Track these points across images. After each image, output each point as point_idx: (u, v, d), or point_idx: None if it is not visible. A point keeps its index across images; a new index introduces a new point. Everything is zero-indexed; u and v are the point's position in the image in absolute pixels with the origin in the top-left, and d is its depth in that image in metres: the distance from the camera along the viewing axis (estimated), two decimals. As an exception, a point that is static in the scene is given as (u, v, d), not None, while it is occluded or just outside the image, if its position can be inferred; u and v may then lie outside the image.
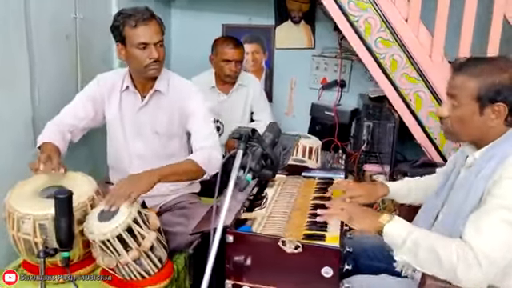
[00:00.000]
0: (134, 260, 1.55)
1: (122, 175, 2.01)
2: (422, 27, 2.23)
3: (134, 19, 1.79)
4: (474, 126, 1.33)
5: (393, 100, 2.33)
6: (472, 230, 1.21)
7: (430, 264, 1.23)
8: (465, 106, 1.32)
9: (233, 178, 1.31)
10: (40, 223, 1.53)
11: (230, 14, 3.41)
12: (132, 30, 1.80)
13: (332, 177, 1.89)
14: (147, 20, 1.80)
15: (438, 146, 2.33)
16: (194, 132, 1.92)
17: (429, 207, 1.53)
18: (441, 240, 1.24)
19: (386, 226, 1.31)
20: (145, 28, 1.80)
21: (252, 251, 1.32)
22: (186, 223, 1.82)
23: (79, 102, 1.97)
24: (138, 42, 1.80)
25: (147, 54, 1.81)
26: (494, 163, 1.27)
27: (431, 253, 1.22)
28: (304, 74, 3.46)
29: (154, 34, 1.81)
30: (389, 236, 1.31)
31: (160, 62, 1.85)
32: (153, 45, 1.81)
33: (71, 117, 1.94)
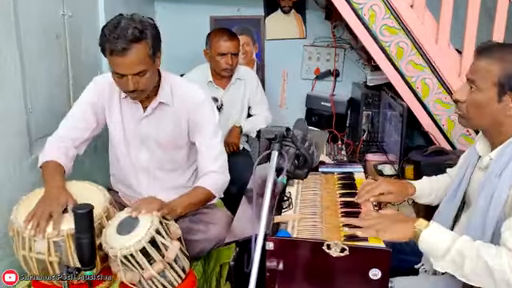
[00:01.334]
0: (158, 273, 1.46)
1: (127, 186, 1.93)
2: (428, 13, 2.19)
3: (109, 46, 1.54)
4: (490, 113, 1.29)
5: (399, 88, 2.29)
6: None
7: (478, 275, 1.16)
8: (484, 90, 1.28)
9: (270, 181, 1.24)
10: (54, 241, 1.42)
11: (217, 5, 3.29)
12: (109, 57, 1.58)
13: (352, 171, 1.84)
14: (125, 50, 1.53)
15: (446, 133, 2.32)
16: (203, 151, 1.81)
17: (446, 209, 1.49)
18: (487, 248, 1.16)
19: (423, 232, 1.24)
20: (121, 60, 1.55)
21: (294, 257, 1.25)
22: (205, 229, 1.74)
23: (79, 112, 1.80)
24: (114, 71, 1.61)
25: (124, 85, 1.62)
26: None
27: (479, 263, 1.15)
28: (296, 64, 3.39)
29: (131, 66, 1.56)
30: (427, 244, 1.24)
31: (141, 90, 1.65)
32: (131, 76, 1.59)
33: (73, 130, 1.78)
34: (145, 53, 1.58)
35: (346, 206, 1.52)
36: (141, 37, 1.56)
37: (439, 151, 2.19)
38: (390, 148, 2.58)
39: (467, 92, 1.32)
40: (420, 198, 1.66)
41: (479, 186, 1.32)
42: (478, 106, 1.30)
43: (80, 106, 1.81)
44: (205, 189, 1.73)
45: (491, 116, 1.29)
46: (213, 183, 1.75)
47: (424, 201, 1.67)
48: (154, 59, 1.65)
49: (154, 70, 1.67)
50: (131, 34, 1.54)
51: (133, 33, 1.54)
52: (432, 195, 1.65)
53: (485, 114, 1.30)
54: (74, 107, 1.83)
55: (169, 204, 1.59)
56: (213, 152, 1.80)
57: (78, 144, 1.79)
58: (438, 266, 1.23)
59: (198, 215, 1.80)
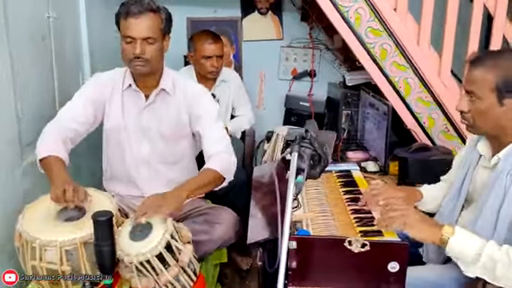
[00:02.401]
0: (173, 277, 1.46)
1: (126, 184, 1.90)
2: (410, 16, 2.29)
3: (126, 10, 1.67)
4: (495, 118, 1.35)
5: (383, 88, 2.38)
6: None
7: (509, 279, 1.21)
8: (483, 98, 1.34)
9: (291, 181, 1.27)
10: (66, 249, 1.39)
11: (194, 6, 3.29)
12: (123, 21, 1.69)
13: (349, 169, 1.91)
14: (140, 13, 1.66)
15: (427, 130, 2.43)
16: (205, 136, 1.83)
17: (449, 208, 1.54)
18: None
19: (451, 239, 1.27)
20: (134, 21, 1.66)
21: (316, 254, 1.29)
22: (210, 230, 1.74)
23: (80, 104, 1.79)
24: (124, 35, 1.69)
25: (132, 49, 1.68)
26: None
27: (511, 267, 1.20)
28: (273, 65, 3.44)
29: (142, 29, 1.67)
30: (455, 250, 1.27)
31: (146, 59, 1.70)
32: (139, 40, 1.67)
33: (72, 121, 1.76)
34: (157, 23, 1.70)
35: (353, 203, 1.58)
36: (156, 9, 1.70)
37: (423, 148, 2.30)
38: (371, 145, 2.68)
39: (468, 102, 1.39)
40: (424, 204, 1.69)
41: (488, 184, 1.39)
42: (481, 113, 1.36)
43: (81, 99, 1.81)
44: (211, 169, 1.72)
45: (496, 120, 1.35)
46: (219, 163, 1.74)
47: (427, 207, 1.70)
48: (163, 37, 1.75)
49: (161, 47, 1.75)
50: (148, 4, 1.68)
51: (149, 3, 1.69)
52: (433, 203, 1.69)
53: (491, 119, 1.36)
54: (75, 99, 1.81)
55: (171, 195, 1.58)
56: (216, 134, 1.83)
57: (73, 136, 1.77)
58: (468, 272, 1.26)
59: (203, 216, 1.80)
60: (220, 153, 1.78)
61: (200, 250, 1.70)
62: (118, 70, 1.87)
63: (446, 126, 2.41)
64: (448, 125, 2.41)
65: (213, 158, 1.77)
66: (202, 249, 1.72)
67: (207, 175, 1.71)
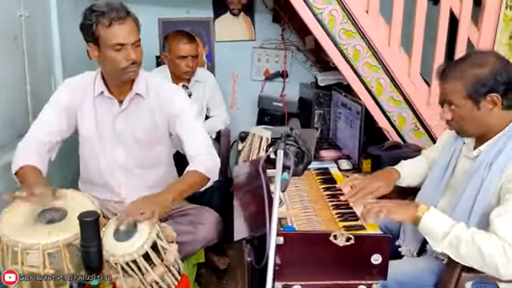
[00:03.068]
0: (159, 276, 1.45)
1: (103, 188, 1.88)
2: (381, 18, 2.38)
3: (108, 17, 1.60)
4: (477, 120, 1.45)
5: (356, 87, 2.45)
6: (504, 227, 1.28)
7: (471, 258, 1.31)
8: (461, 106, 1.44)
9: (278, 180, 1.30)
10: (49, 252, 1.36)
11: (166, 6, 3.27)
12: (106, 29, 1.61)
13: (327, 166, 1.95)
14: (123, 18, 1.62)
15: (398, 128, 2.52)
16: (186, 137, 1.81)
17: (431, 193, 1.62)
18: (481, 234, 1.30)
19: (425, 216, 1.37)
20: (120, 27, 1.61)
21: (303, 249, 1.31)
22: (194, 230, 1.75)
23: (51, 114, 1.75)
24: (114, 43, 1.62)
25: (124, 56, 1.64)
26: (504, 158, 1.39)
27: (473, 248, 1.29)
28: (246, 66, 3.46)
29: (130, 34, 1.64)
30: (427, 227, 1.37)
31: (138, 63, 1.69)
32: (130, 45, 1.64)
33: (46, 133, 1.72)
34: (136, 25, 1.68)
35: (333, 199, 1.62)
36: (130, 13, 1.67)
37: (394, 145, 2.39)
38: (344, 144, 2.75)
39: (450, 111, 1.47)
40: (403, 180, 1.79)
41: (468, 174, 1.48)
42: (464, 119, 1.45)
43: (53, 108, 1.76)
44: (196, 171, 1.71)
45: (479, 122, 1.45)
46: (203, 165, 1.73)
47: (406, 182, 1.80)
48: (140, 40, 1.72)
49: None
50: (123, 7, 1.64)
51: (123, 6, 1.65)
52: (412, 177, 1.79)
53: (474, 122, 1.45)
54: (46, 110, 1.77)
55: (158, 198, 1.56)
56: (196, 135, 1.81)
57: (49, 148, 1.73)
58: (436, 247, 1.37)
59: (185, 216, 1.81)
60: (203, 153, 1.78)
61: (183, 251, 1.70)
62: (88, 75, 1.82)
63: (415, 124, 2.51)
64: (417, 123, 2.51)
65: (196, 159, 1.76)
66: (186, 249, 1.72)
67: (192, 177, 1.71)
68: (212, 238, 1.76)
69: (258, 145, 2.58)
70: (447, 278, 1.43)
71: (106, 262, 1.40)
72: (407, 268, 1.52)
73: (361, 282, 1.33)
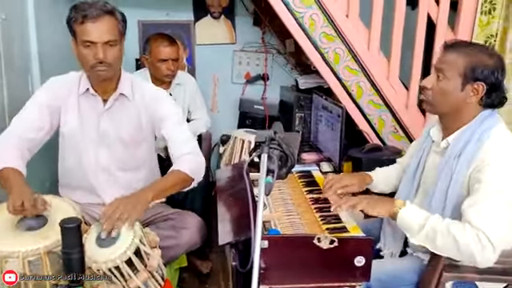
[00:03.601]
0: (143, 282, 1.44)
1: (84, 191, 1.85)
2: (360, 23, 2.41)
3: (82, 14, 1.60)
4: (453, 100, 1.47)
5: (337, 91, 2.48)
6: (477, 216, 1.32)
7: (447, 249, 1.35)
8: (450, 79, 1.45)
9: (262, 184, 1.30)
10: (29, 260, 1.33)
11: (145, 9, 3.25)
12: (79, 26, 1.61)
13: (309, 169, 1.97)
14: (97, 16, 1.60)
15: (378, 131, 2.56)
16: (172, 138, 1.81)
17: (406, 191, 1.66)
18: (455, 225, 1.34)
19: (402, 210, 1.42)
20: (92, 25, 1.60)
21: (288, 253, 1.32)
22: (177, 235, 1.73)
23: (34, 111, 1.72)
24: (84, 40, 1.62)
25: (93, 54, 1.63)
26: (472, 148, 1.42)
27: (449, 238, 1.33)
28: (227, 69, 3.47)
29: (102, 33, 1.61)
30: (404, 221, 1.42)
31: (109, 64, 1.66)
32: (100, 44, 1.62)
33: (28, 130, 1.69)
34: (115, 24, 1.66)
35: (316, 202, 1.64)
36: (111, 10, 1.65)
37: (375, 148, 2.43)
38: (324, 146, 2.77)
39: (434, 81, 1.49)
40: (375, 186, 1.82)
41: (439, 167, 1.51)
42: (443, 93, 1.47)
43: (35, 106, 1.73)
44: (179, 171, 1.70)
45: (453, 103, 1.47)
46: (187, 165, 1.73)
47: (379, 189, 1.83)
48: (121, 38, 1.70)
49: (120, 49, 1.70)
50: (103, 6, 1.63)
51: (105, 5, 1.64)
52: (384, 183, 1.83)
53: (449, 100, 1.47)
54: (29, 107, 1.73)
55: (137, 197, 1.55)
56: (182, 136, 1.81)
57: (31, 146, 1.70)
58: (413, 240, 1.41)
59: (168, 221, 1.79)
60: (188, 154, 1.77)
61: (166, 256, 1.69)
62: (73, 75, 1.81)
63: (394, 127, 2.55)
64: (397, 126, 2.55)
65: (181, 160, 1.76)
66: (169, 254, 1.70)
67: (174, 176, 1.70)
68: (195, 242, 1.75)
69: (240, 148, 2.58)
70: (428, 278, 1.46)
71: (89, 268, 1.38)
72: (389, 267, 1.55)
73: (345, 284, 1.35)
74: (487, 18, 2.37)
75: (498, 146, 1.40)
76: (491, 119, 1.46)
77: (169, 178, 1.69)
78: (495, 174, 1.36)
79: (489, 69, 1.42)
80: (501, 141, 1.42)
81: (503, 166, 1.37)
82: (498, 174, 1.36)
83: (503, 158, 1.38)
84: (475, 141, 1.43)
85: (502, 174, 1.36)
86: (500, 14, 2.36)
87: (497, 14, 2.36)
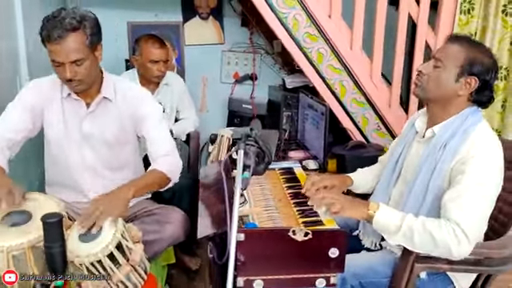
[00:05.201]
0: (125, 276, 1.48)
1: (71, 190, 1.89)
2: (343, 23, 2.46)
3: (47, 34, 1.59)
4: (445, 89, 1.51)
5: (320, 89, 2.54)
6: (454, 208, 1.37)
7: (424, 245, 1.39)
8: (447, 69, 1.50)
9: (238, 179, 1.35)
10: (13, 255, 1.37)
11: (134, 10, 3.29)
12: (46, 43, 1.62)
13: (291, 166, 2.01)
14: (61, 38, 1.58)
15: (361, 129, 2.62)
16: (150, 139, 1.85)
17: (385, 181, 1.71)
18: (430, 222, 1.39)
19: (377, 214, 1.45)
20: (57, 47, 1.59)
21: (263, 245, 1.36)
22: (160, 229, 1.77)
23: (15, 112, 1.75)
24: (52, 59, 1.64)
25: (62, 72, 1.65)
26: (458, 139, 1.46)
27: (426, 235, 1.37)
28: (215, 69, 3.52)
29: (68, 53, 1.60)
30: (380, 223, 1.45)
31: (79, 80, 1.68)
32: (67, 64, 1.62)
33: (8, 130, 1.72)
34: (81, 42, 1.63)
35: (295, 197, 1.68)
36: (78, 26, 1.61)
37: (358, 145, 2.48)
38: (311, 145, 2.82)
39: (431, 68, 1.54)
40: (357, 188, 1.86)
41: (422, 157, 1.55)
42: (438, 80, 1.51)
43: (16, 107, 1.76)
44: (158, 171, 1.75)
45: (445, 92, 1.51)
46: (165, 165, 1.78)
47: (360, 190, 1.86)
48: (93, 51, 1.69)
49: (92, 62, 1.70)
50: (68, 24, 1.59)
51: (70, 22, 1.59)
52: (367, 185, 1.86)
53: (441, 89, 1.51)
54: (10, 107, 1.77)
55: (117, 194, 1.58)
56: (161, 136, 1.85)
57: (11, 145, 1.73)
58: (391, 241, 1.44)
59: (152, 216, 1.83)
60: (166, 155, 1.82)
61: (151, 250, 1.72)
62: (56, 76, 1.81)
63: (378, 124, 2.61)
64: (380, 123, 2.61)
65: (159, 160, 1.81)
66: (153, 248, 1.74)
67: (153, 176, 1.75)
68: (178, 235, 1.80)
69: (227, 146, 2.63)
70: (401, 270, 1.50)
71: (71, 263, 1.42)
72: (363, 261, 1.59)
73: (320, 275, 1.38)
74: (466, 18, 2.42)
75: (483, 140, 1.45)
76: (475, 116, 1.51)
77: (148, 176, 1.74)
78: (478, 167, 1.41)
79: (485, 66, 1.48)
80: (485, 135, 1.47)
81: (486, 159, 1.42)
82: (480, 166, 1.41)
83: (487, 152, 1.43)
84: (461, 133, 1.48)
85: (484, 167, 1.41)
86: (479, 13, 2.42)
87: (475, 13, 2.42)
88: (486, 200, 1.41)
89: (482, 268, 1.55)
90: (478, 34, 2.45)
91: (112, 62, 2.90)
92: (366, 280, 1.53)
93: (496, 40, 2.43)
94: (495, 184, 1.43)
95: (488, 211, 1.43)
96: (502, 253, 1.52)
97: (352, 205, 1.49)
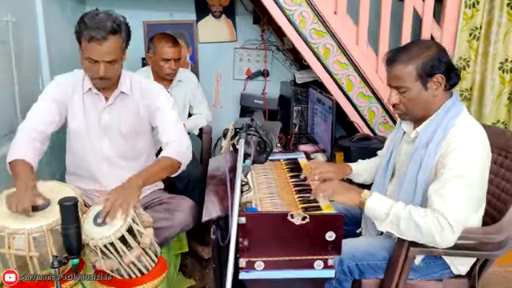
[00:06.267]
0: (136, 258, 1.59)
1: (88, 180, 2.01)
2: (349, 18, 2.53)
3: (89, 34, 1.73)
4: (424, 101, 1.57)
5: (328, 84, 2.60)
6: (438, 199, 1.44)
7: (410, 232, 1.46)
8: (411, 88, 1.55)
9: (239, 166, 1.44)
10: (34, 236, 1.49)
11: (150, 10, 3.41)
12: (86, 42, 1.75)
13: (296, 157, 2.09)
14: (103, 39, 1.73)
15: (368, 122, 2.67)
16: (161, 127, 1.96)
17: (381, 180, 1.78)
18: (416, 211, 1.46)
19: (368, 201, 1.53)
20: (98, 47, 1.74)
21: (264, 228, 1.45)
22: (171, 217, 1.88)
23: (44, 106, 1.89)
24: (88, 56, 1.77)
25: (94, 69, 1.79)
26: (439, 136, 1.52)
27: (411, 223, 1.45)
28: (228, 66, 3.61)
29: (105, 54, 1.76)
30: (370, 210, 1.53)
31: (107, 79, 1.83)
32: (102, 63, 1.77)
33: (40, 122, 1.86)
34: (118, 45, 1.79)
35: (297, 186, 1.76)
36: (118, 30, 1.78)
37: (364, 137, 2.54)
38: (320, 138, 2.89)
39: (398, 95, 1.59)
40: (356, 177, 1.94)
41: (409, 156, 1.62)
42: (412, 101, 1.57)
43: (45, 101, 1.90)
44: (166, 157, 1.85)
45: (425, 103, 1.57)
46: (174, 151, 1.87)
47: (359, 179, 1.95)
48: (123, 52, 1.86)
49: (121, 63, 1.88)
50: (110, 26, 1.74)
51: (112, 26, 1.75)
52: (366, 174, 1.94)
53: (421, 103, 1.57)
54: (40, 102, 1.90)
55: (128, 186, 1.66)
56: (170, 125, 1.96)
57: (42, 138, 1.86)
58: (380, 227, 1.52)
59: (163, 204, 1.94)
60: (174, 141, 1.92)
61: (162, 236, 1.83)
62: (77, 72, 1.97)
63: (384, 117, 2.66)
64: (386, 116, 2.66)
65: (168, 146, 1.91)
66: (164, 234, 1.85)
67: (162, 162, 1.84)
68: (188, 223, 1.90)
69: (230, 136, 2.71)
70: (397, 253, 1.57)
71: (86, 245, 1.54)
72: (362, 245, 1.67)
73: (317, 257, 1.46)
74: (471, 11, 2.45)
75: (462, 134, 1.50)
76: (455, 108, 1.56)
77: (156, 164, 1.84)
78: (457, 160, 1.46)
79: (435, 59, 1.52)
80: (464, 129, 1.52)
81: (465, 151, 1.47)
82: (459, 159, 1.46)
83: (466, 145, 1.48)
84: (441, 130, 1.54)
85: (463, 159, 1.46)
86: (484, 6, 2.44)
87: (480, 6, 2.44)
88: (469, 190, 1.46)
89: (477, 252, 1.61)
90: (483, 27, 2.47)
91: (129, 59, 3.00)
92: (363, 262, 1.61)
93: (501, 33, 2.44)
94: (477, 174, 1.48)
95: (472, 200, 1.49)
96: (496, 238, 1.57)
97: (344, 190, 1.57)
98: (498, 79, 2.50)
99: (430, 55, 1.53)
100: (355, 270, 1.61)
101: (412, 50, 1.56)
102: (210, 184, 1.80)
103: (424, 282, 1.67)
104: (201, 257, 2.70)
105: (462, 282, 1.70)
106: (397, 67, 1.56)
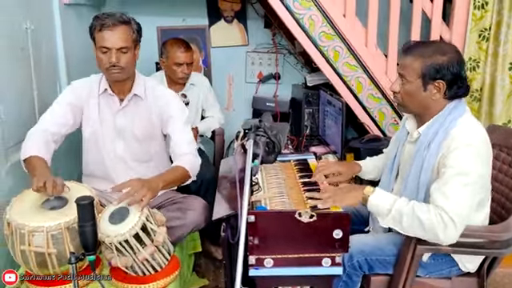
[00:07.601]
0: (150, 255, 1.64)
1: (103, 180, 2.08)
2: (357, 21, 2.56)
3: (100, 23, 1.86)
4: (420, 100, 1.60)
5: (338, 86, 2.63)
6: (440, 196, 1.47)
7: (413, 228, 1.49)
8: (412, 82, 1.59)
9: (248, 166, 1.48)
10: (52, 234, 1.56)
11: (163, 16, 3.49)
12: (98, 33, 1.87)
13: (305, 158, 2.12)
14: (114, 25, 1.85)
15: (378, 123, 2.70)
16: (175, 137, 2.01)
17: (386, 179, 1.81)
18: (419, 206, 1.49)
19: (370, 197, 1.56)
20: (109, 33, 1.85)
21: (272, 226, 1.49)
22: (183, 216, 1.93)
23: (59, 108, 1.97)
24: (100, 45, 1.87)
25: (107, 58, 1.87)
26: (440, 137, 1.55)
27: (414, 219, 1.47)
28: (240, 69, 3.67)
29: (117, 40, 1.86)
30: (374, 206, 1.56)
31: (121, 67, 1.89)
32: (114, 50, 1.86)
33: (53, 124, 1.94)
34: (129, 34, 1.90)
35: (306, 185, 1.80)
36: (127, 20, 1.91)
37: (374, 139, 2.56)
38: (331, 139, 2.92)
39: (400, 84, 1.63)
40: (365, 174, 1.97)
41: (411, 157, 1.65)
42: (409, 95, 1.61)
43: (60, 104, 1.99)
44: (182, 167, 1.91)
45: (420, 102, 1.61)
46: (189, 164, 1.93)
47: (368, 177, 1.98)
48: (135, 46, 1.94)
49: (133, 55, 1.94)
50: (120, 17, 1.88)
51: (121, 16, 1.89)
52: (374, 171, 1.97)
53: (416, 100, 1.61)
54: (54, 105, 1.99)
55: (151, 182, 1.72)
56: (185, 137, 2.02)
57: (56, 138, 1.94)
58: (383, 223, 1.55)
59: (176, 204, 2.00)
60: (189, 154, 1.98)
61: (174, 235, 1.88)
62: (93, 77, 2.05)
63: (394, 118, 2.68)
64: (396, 118, 2.68)
65: (183, 158, 1.96)
66: (176, 233, 1.90)
67: (178, 171, 1.90)
68: (200, 222, 1.95)
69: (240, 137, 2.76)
70: (405, 250, 1.60)
71: (102, 242, 1.60)
72: (371, 240, 1.70)
73: (325, 255, 1.50)
74: (480, 13, 2.46)
75: (462, 134, 1.53)
76: (457, 110, 1.59)
77: (175, 171, 1.90)
78: (458, 159, 1.49)
79: (444, 66, 1.54)
80: (465, 129, 1.54)
81: (466, 151, 1.49)
82: (460, 158, 1.49)
83: (465, 145, 1.50)
84: (443, 130, 1.56)
85: (464, 158, 1.49)
86: (493, 7, 2.45)
87: (489, 7, 2.45)
88: (470, 187, 1.48)
89: (484, 250, 1.62)
90: (492, 28, 2.47)
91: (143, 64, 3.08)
92: (372, 257, 1.64)
93: (511, 34, 2.45)
94: (478, 172, 1.50)
95: (474, 197, 1.51)
96: (503, 236, 1.59)
97: (345, 194, 1.59)
98: (507, 79, 2.51)
99: (440, 60, 1.55)
100: (364, 264, 1.64)
101: (427, 49, 1.59)
102: (220, 184, 1.85)
103: (432, 279, 1.69)
104: (214, 257, 2.75)
105: (471, 280, 1.71)
106: (407, 58, 1.60)
